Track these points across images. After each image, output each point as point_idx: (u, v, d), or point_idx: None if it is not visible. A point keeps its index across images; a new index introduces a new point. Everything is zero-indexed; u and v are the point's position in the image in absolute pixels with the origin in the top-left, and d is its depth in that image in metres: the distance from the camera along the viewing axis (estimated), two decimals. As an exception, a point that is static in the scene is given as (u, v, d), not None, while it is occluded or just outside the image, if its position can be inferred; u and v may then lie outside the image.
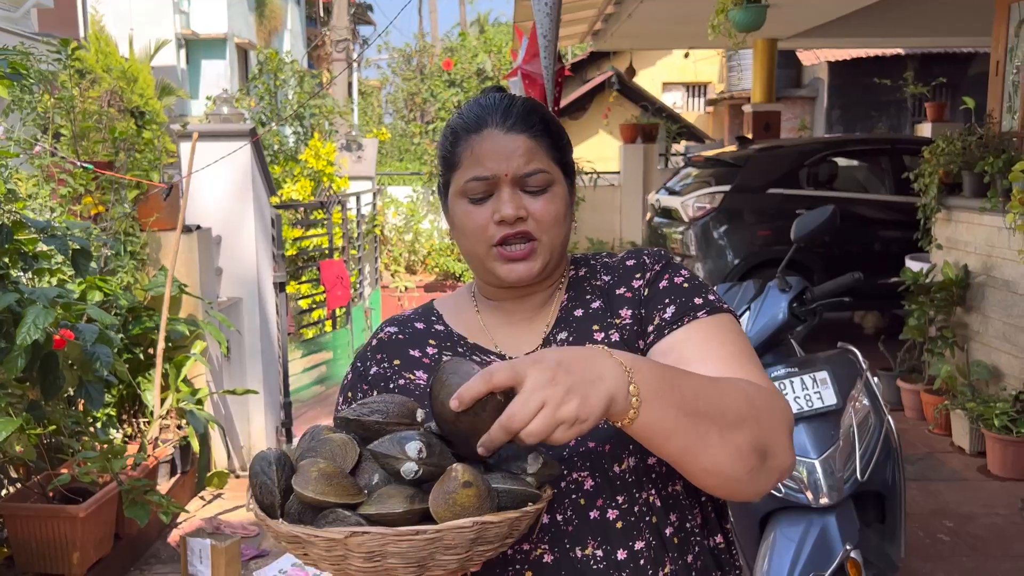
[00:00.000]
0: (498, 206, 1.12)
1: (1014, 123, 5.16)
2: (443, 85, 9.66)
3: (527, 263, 1.14)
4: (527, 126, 1.15)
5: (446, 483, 0.91)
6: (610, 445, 1.08)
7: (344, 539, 0.88)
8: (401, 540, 0.88)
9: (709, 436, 0.97)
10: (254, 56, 17.65)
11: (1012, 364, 4.71)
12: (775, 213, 6.74)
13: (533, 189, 1.13)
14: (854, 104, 14.59)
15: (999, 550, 3.65)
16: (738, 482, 1.01)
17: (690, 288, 1.17)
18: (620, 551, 1.07)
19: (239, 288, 4.81)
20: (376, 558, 0.89)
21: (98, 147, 4.13)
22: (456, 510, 0.89)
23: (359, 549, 0.88)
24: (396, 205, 9.56)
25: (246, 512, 4.10)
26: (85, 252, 2.48)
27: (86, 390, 2.51)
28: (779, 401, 1.07)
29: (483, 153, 1.13)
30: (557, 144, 1.18)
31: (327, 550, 0.89)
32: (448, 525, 0.88)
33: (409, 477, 0.92)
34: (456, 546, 0.89)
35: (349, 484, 0.94)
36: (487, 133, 1.14)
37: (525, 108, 1.17)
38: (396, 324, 1.27)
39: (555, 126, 1.19)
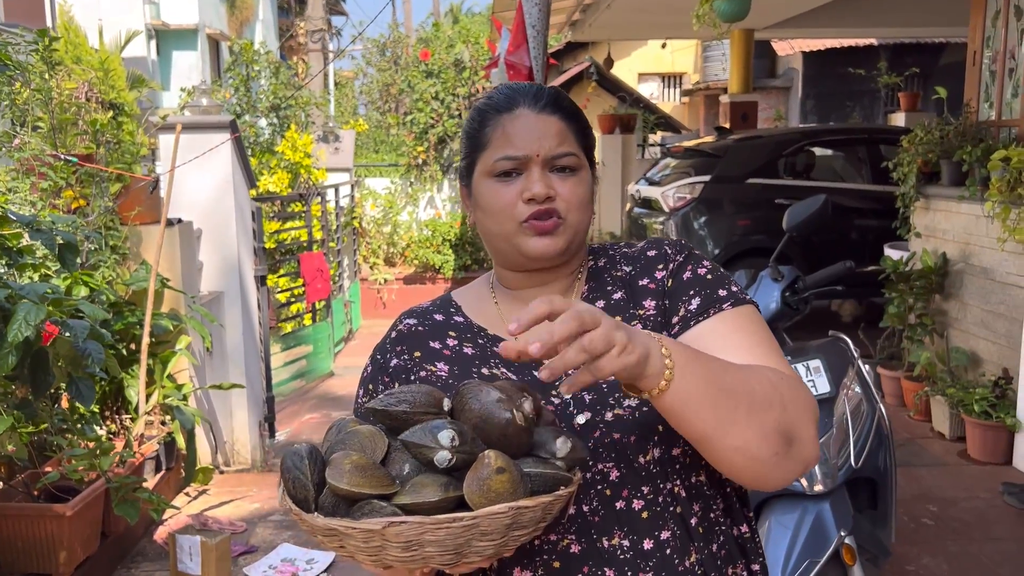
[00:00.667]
0: (528, 184, 1.13)
1: (991, 112, 5.22)
2: (420, 76, 9.59)
3: (552, 238, 1.14)
4: (558, 108, 1.17)
5: (480, 470, 0.91)
6: (635, 436, 1.09)
7: (382, 530, 0.88)
8: (439, 528, 0.88)
9: (737, 413, 0.98)
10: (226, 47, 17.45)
11: (990, 350, 4.78)
12: (754, 203, 6.79)
13: (562, 170, 1.14)
14: (828, 94, 14.73)
15: (982, 533, 3.71)
16: (764, 464, 1.01)
17: (714, 279, 1.17)
18: (646, 541, 1.07)
19: (220, 282, 4.76)
20: (414, 547, 0.89)
21: (75, 140, 4.06)
22: (491, 496, 0.90)
23: (397, 539, 0.88)
24: (374, 197, 9.49)
25: (269, 504, 4.07)
26: (71, 246, 2.44)
27: (76, 387, 2.47)
28: (804, 390, 1.08)
29: (515, 132, 1.14)
30: (584, 131, 1.20)
31: (365, 541, 0.89)
32: (484, 511, 0.89)
33: (443, 466, 0.93)
34: (492, 532, 0.90)
35: (383, 475, 0.94)
36: (519, 113, 1.15)
37: (555, 92, 1.20)
38: (415, 316, 1.27)
39: (583, 116, 1.21)
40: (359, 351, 7.43)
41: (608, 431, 1.09)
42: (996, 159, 4.42)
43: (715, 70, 16.60)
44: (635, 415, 1.09)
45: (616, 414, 1.09)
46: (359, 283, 8.78)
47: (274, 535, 3.81)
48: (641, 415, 1.09)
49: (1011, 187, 4.36)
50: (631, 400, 1.09)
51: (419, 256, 9.19)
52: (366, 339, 8.03)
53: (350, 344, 7.77)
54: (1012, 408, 4.33)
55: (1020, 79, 4.90)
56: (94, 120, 3.79)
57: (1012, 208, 4.38)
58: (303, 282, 6.84)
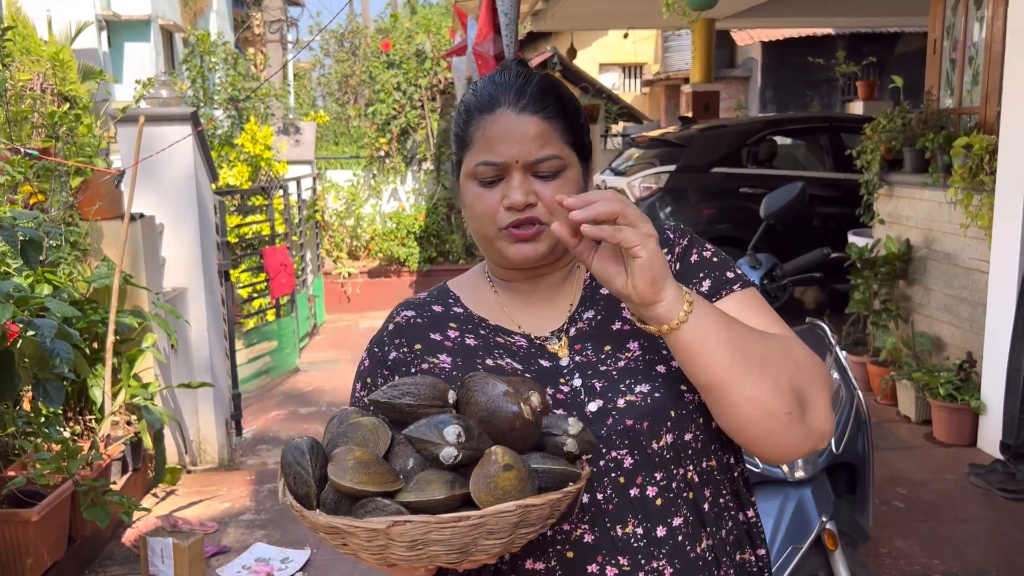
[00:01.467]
0: (508, 191, 1.10)
1: (952, 100, 5.30)
2: (382, 66, 9.48)
3: (534, 244, 1.12)
4: (540, 107, 1.11)
5: (486, 467, 0.89)
6: (648, 422, 1.08)
7: (386, 529, 0.86)
8: (444, 528, 0.86)
9: (751, 362, 1.01)
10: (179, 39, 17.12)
11: (954, 334, 4.86)
12: (719, 192, 6.83)
13: (544, 174, 1.11)
14: (787, 83, 14.88)
15: (951, 514, 3.78)
16: (777, 420, 1.02)
17: (719, 262, 1.18)
18: (659, 528, 1.07)
19: (183, 278, 4.66)
20: (419, 546, 0.87)
21: (31, 133, 3.93)
22: (498, 494, 0.88)
23: (401, 539, 0.86)
24: (336, 190, 9.37)
25: (240, 503, 3.99)
26: (34, 243, 2.35)
27: (43, 388, 2.38)
28: (818, 360, 1.09)
29: (494, 136, 1.10)
30: (572, 125, 1.14)
31: (368, 540, 0.87)
32: (491, 510, 0.87)
33: (448, 462, 0.90)
34: (499, 530, 0.88)
35: (386, 471, 0.91)
36: (499, 113, 1.11)
37: (540, 87, 1.13)
38: (413, 308, 1.24)
39: (572, 105, 1.15)
40: (324, 346, 7.34)
41: (621, 418, 1.08)
42: (958, 146, 4.49)
43: (675, 60, 16.68)
44: (647, 401, 1.08)
45: (628, 400, 1.08)
46: (323, 277, 8.67)
47: (246, 535, 3.74)
48: (653, 401, 1.08)
49: (973, 174, 4.43)
50: (642, 386, 1.09)
51: (383, 249, 9.09)
52: (331, 334, 7.94)
53: (315, 339, 7.67)
54: (976, 391, 4.41)
55: (980, 67, 4.98)
56: (52, 112, 3.68)
57: (974, 194, 4.45)
58: (266, 277, 6.73)
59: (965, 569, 3.29)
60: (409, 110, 9.34)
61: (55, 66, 4.52)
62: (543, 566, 1.07)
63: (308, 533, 3.72)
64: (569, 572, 1.06)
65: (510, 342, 1.17)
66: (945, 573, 3.26)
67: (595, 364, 1.12)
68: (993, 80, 4.76)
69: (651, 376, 1.10)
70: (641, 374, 1.10)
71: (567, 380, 1.12)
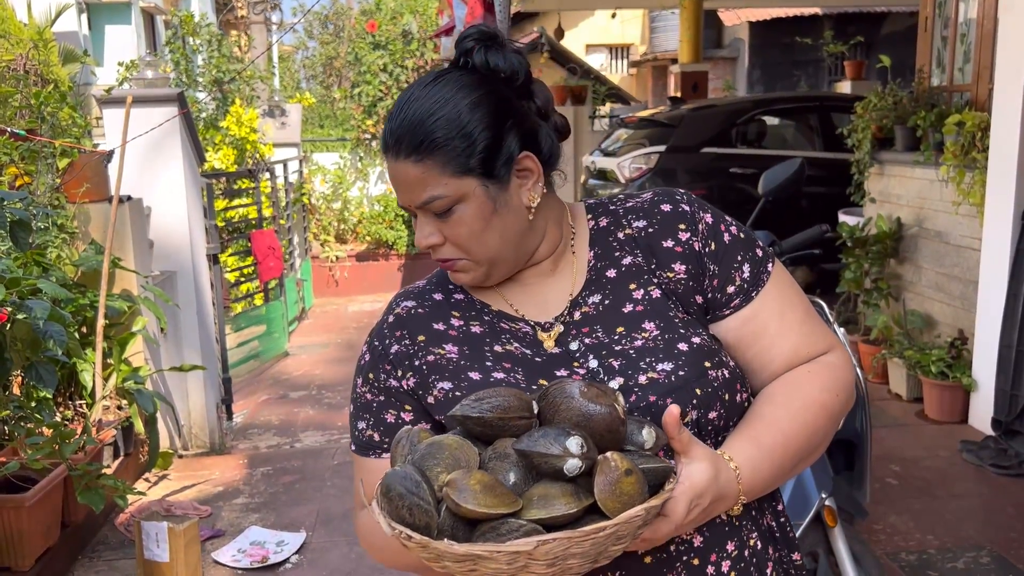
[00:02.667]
0: (417, 235, 1.12)
1: (943, 78, 5.29)
2: (368, 48, 9.39)
3: (465, 274, 1.13)
4: (412, 149, 1.05)
5: (608, 473, 0.89)
6: (672, 399, 1.05)
7: (531, 551, 0.85)
8: (585, 540, 0.86)
9: (802, 462, 1.12)
10: (161, 21, 16.90)
11: (945, 312, 4.88)
12: (709, 172, 6.82)
13: (438, 213, 1.08)
14: (774, 64, 14.86)
15: (944, 491, 3.80)
16: (819, 453, 1.15)
17: (747, 238, 1.16)
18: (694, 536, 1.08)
19: (172, 261, 4.61)
20: (559, 561, 0.87)
21: (14, 115, 3.86)
22: (624, 500, 0.88)
23: (545, 557, 0.86)
24: (323, 172, 9.30)
25: (232, 487, 3.96)
26: (24, 224, 2.30)
27: (36, 371, 2.34)
28: (845, 375, 1.14)
29: (394, 183, 1.11)
30: (454, 153, 1.05)
31: (509, 563, 0.86)
32: (624, 516, 0.87)
33: (572, 474, 0.89)
34: (626, 535, 0.89)
35: (507, 492, 0.90)
36: (389, 159, 1.09)
37: (412, 123, 1.05)
38: (412, 297, 1.19)
39: (453, 130, 1.04)
40: (313, 330, 7.30)
41: (644, 395, 1.05)
42: (950, 124, 4.49)
43: (663, 41, 16.61)
44: (671, 379, 1.05)
45: (650, 377, 1.06)
46: (310, 261, 8.62)
47: (240, 518, 3.72)
48: (678, 379, 1.06)
49: (965, 151, 4.43)
50: (665, 364, 1.06)
51: (371, 232, 9.05)
52: (319, 318, 7.90)
53: (304, 323, 7.63)
54: (968, 368, 4.43)
55: (972, 44, 4.97)
56: (37, 93, 3.61)
57: (966, 172, 4.45)
58: (254, 261, 6.67)
59: (959, 544, 3.31)
60: (395, 91, 9.26)
61: (37, 47, 4.44)
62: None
63: (303, 516, 3.71)
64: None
65: (515, 328, 1.14)
66: (940, 548, 3.28)
67: (609, 345, 1.09)
68: (985, 57, 4.75)
69: (673, 354, 1.07)
70: (662, 352, 1.08)
71: (582, 363, 1.09)
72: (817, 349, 1.15)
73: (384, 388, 1.13)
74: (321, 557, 3.39)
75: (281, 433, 4.87)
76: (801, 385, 1.11)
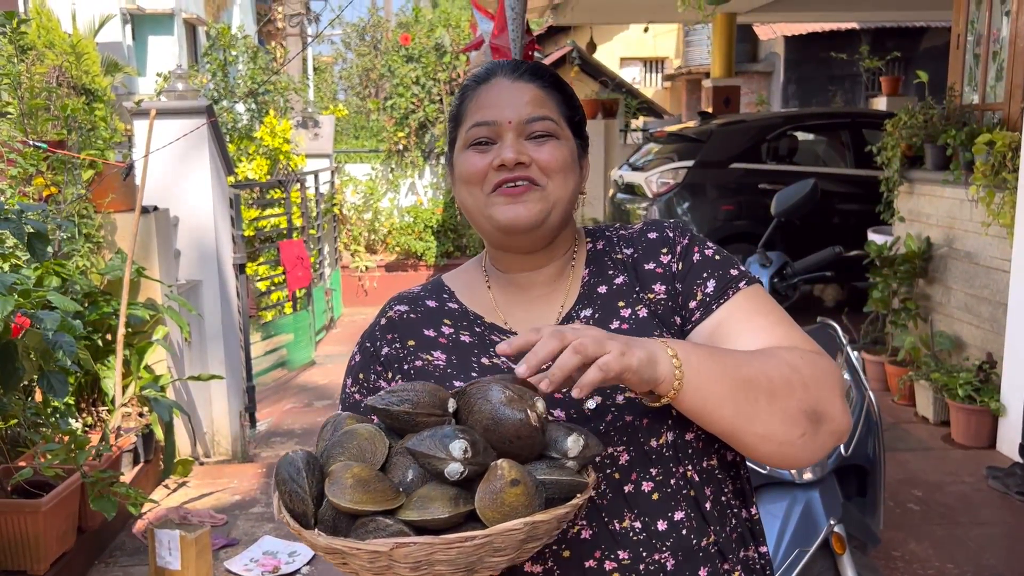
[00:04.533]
0: (499, 151, 1.09)
1: (975, 96, 5.21)
2: (401, 60, 9.47)
3: (525, 204, 1.09)
4: (536, 76, 1.13)
5: (492, 482, 0.86)
6: (647, 419, 1.06)
7: (389, 551, 0.82)
8: (450, 548, 0.83)
9: (758, 403, 0.99)
10: (203, 32, 17.21)
11: (974, 334, 4.78)
12: (738, 188, 6.77)
13: (538, 134, 1.10)
14: (810, 78, 14.72)
15: (968, 517, 3.71)
16: (792, 447, 1.01)
17: (722, 260, 1.16)
18: (660, 522, 1.06)
19: (198, 270, 4.67)
20: (423, 567, 0.84)
21: (47, 125, 3.95)
22: (505, 511, 0.85)
23: (405, 560, 0.83)
24: (355, 183, 9.38)
25: (250, 496, 4.01)
26: (41, 236, 2.35)
27: (47, 380, 2.39)
28: (825, 363, 1.07)
29: (488, 100, 1.11)
30: (568, 102, 1.15)
31: (370, 561, 0.84)
32: (498, 529, 0.84)
33: (454, 478, 0.87)
34: (505, 548, 0.86)
35: (386, 487, 0.88)
36: (495, 82, 1.13)
37: (537, 64, 1.17)
38: (406, 302, 1.21)
39: (568, 87, 1.17)
40: (341, 340, 7.36)
41: (620, 414, 1.06)
42: (981, 143, 4.41)
43: (697, 55, 16.56)
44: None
45: (627, 397, 1.06)
46: (340, 271, 8.69)
47: (255, 527, 3.75)
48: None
49: (995, 171, 4.35)
50: None
51: (401, 243, 9.10)
52: (347, 327, 7.95)
53: (332, 333, 7.70)
54: (996, 392, 4.34)
55: (1004, 62, 4.88)
56: (65, 105, 3.69)
57: (996, 192, 4.37)
58: (283, 270, 6.75)
59: (980, 574, 3.24)
60: (428, 104, 9.33)
61: (74, 58, 4.54)
62: (540, 568, 1.06)
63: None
64: (567, 570, 1.05)
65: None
66: (959, 577, 3.21)
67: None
68: (1017, 76, 4.67)
69: None
70: None
71: (566, 395, 1.09)
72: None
73: (373, 389, 1.15)
74: (331, 569, 3.39)
75: (304, 442, 4.90)
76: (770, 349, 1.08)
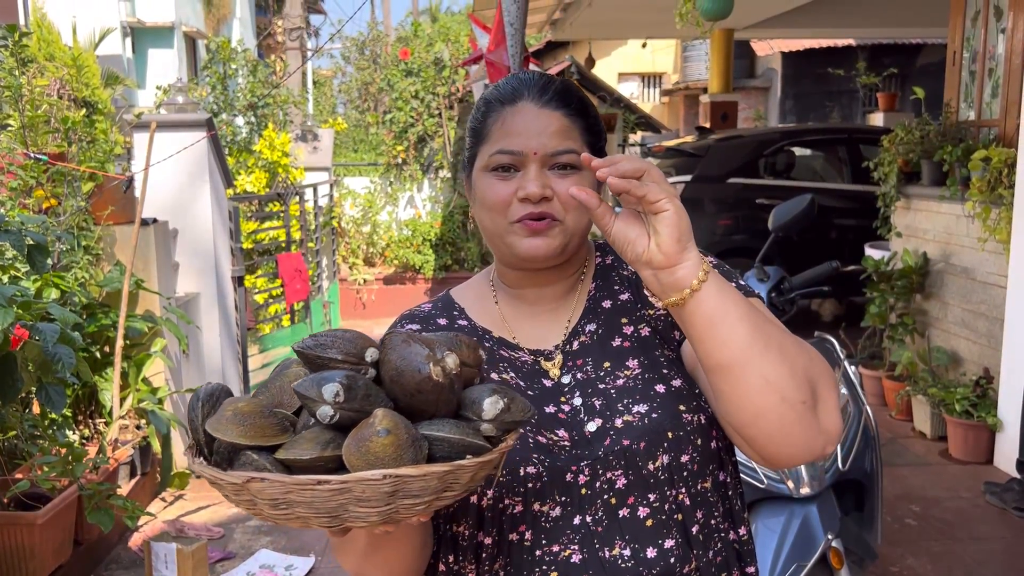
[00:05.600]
0: (523, 183, 1.08)
1: (971, 112, 5.24)
2: (400, 74, 9.51)
3: (546, 239, 1.09)
4: (564, 103, 1.11)
5: (363, 429, 0.83)
6: (644, 442, 1.06)
7: (244, 484, 0.81)
8: (304, 489, 0.80)
9: (770, 343, 0.95)
10: (203, 45, 17.26)
11: (971, 350, 4.79)
12: (735, 203, 6.79)
13: (562, 168, 1.09)
14: (807, 94, 14.79)
15: (965, 533, 3.71)
16: (792, 409, 0.94)
17: (722, 274, 1.15)
18: (649, 549, 1.05)
19: (197, 283, 4.68)
20: (282, 506, 0.82)
21: (47, 138, 3.97)
22: (370, 459, 0.81)
23: (262, 496, 0.82)
24: (353, 196, 9.41)
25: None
26: (41, 248, 2.36)
27: (46, 392, 2.39)
28: (826, 364, 1.05)
29: (514, 127, 1.10)
30: (592, 128, 1.14)
31: (235, 494, 0.83)
32: (354, 477, 0.80)
33: (325, 421, 0.84)
34: (372, 499, 0.81)
35: (268, 424, 0.87)
36: (521, 106, 1.10)
37: (564, 85, 1.14)
38: (417, 320, 1.21)
39: (593, 110, 1.15)
40: (338, 352, 7.33)
41: (618, 438, 1.06)
42: (977, 159, 4.43)
43: (695, 70, 16.63)
44: (644, 421, 1.06)
45: (626, 420, 1.06)
46: (338, 283, 8.70)
47: (252, 540, 3.74)
48: (651, 421, 1.06)
49: (991, 187, 4.37)
50: (640, 406, 1.07)
51: (399, 256, 9.12)
52: (345, 340, 7.94)
53: (329, 345, 7.68)
54: (993, 408, 4.34)
55: (999, 79, 4.91)
56: (66, 118, 3.71)
57: (992, 208, 4.39)
58: (281, 283, 6.75)
59: (977, 589, 3.23)
60: (427, 118, 9.36)
61: (75, 71, 4.56)
62: None
63: (313, 540, 3.72)
64: None
65: (514, 357, 1.15)
66: (957, 593, 3.21)
67: (594, 382, 1.11)
68: (1013, 93, 4.69)
69: (649, 396, 1.08)
70: (639, 393, 1.08)
71: (568, 399, 1.11)
72: None
73: None
74: (329, 582, 3.40)
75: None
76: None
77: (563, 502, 1.05)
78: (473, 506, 1.07)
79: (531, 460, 1.05)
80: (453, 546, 1.11)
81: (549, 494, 1.05)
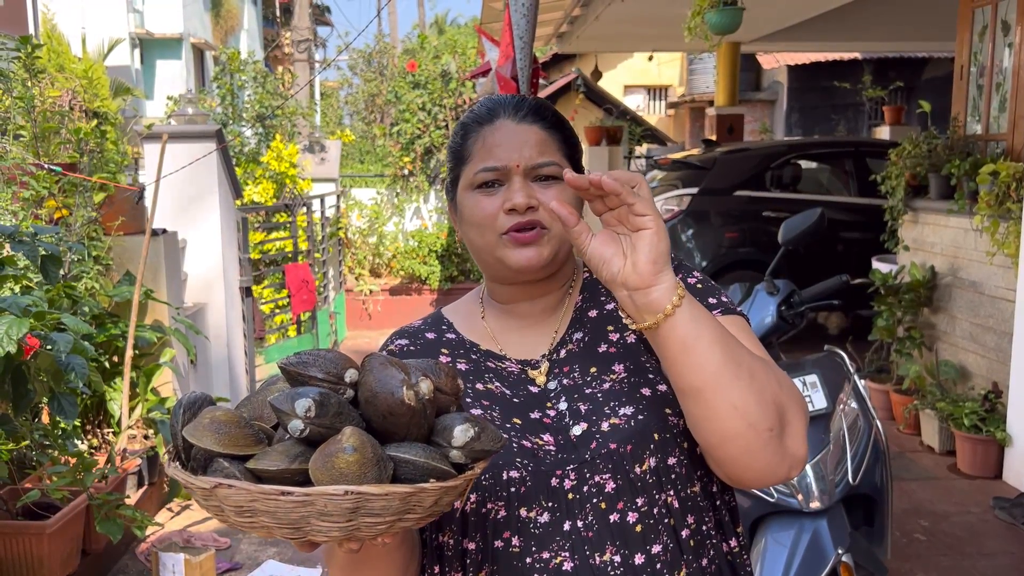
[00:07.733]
0: (509, 195, 1.11)
1: (978, 126, 5.24)
2: (407, 86, 9.55)
3: (536, 248, 1.11)
4: (540, 117, 1.15)
5: (330, 445, 0.85)
6: (631, 445, 1.06)
7: (212, 489, 0.84)
8: (268, 499, 0.83)
9: (740, 370, 0.97)
10: (210, 57, 17.37)
11: (979, 364, 4.78)
12: (742, 215, 6.80)
13: (544, 179, 1.12)
14: (813, 107, 14.81)
15: (974, 548, 3.69)
16: (758, 436, 0.98)
17: (704, 289, 1.17)
18: (638, 555, 1.05)
19: (205, 293, 4.70)
20: (247, 514, 0.85)
21: (58, 149, 3.99)
22: (334, 475, 0.83)
23: (228, 502, 0.84)
24: (360, 207, 9.43)
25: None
26: (54, 258, 2.37)
27: (58, 402, 2.40)
28: (796, 390, 1.07)
29: (495, 143, 1.12)
30: (569, 140, 1.17)
31: (204, 498, 0.86)
32: (317, 490, 0.82)
33: (295, 435, 0.87)
34: (333, 514, 0.83)
35: (243, 435, 0.89)
36: (499, 124, 1.14)
37: (537, 102, 1.18)
38: (407, 336, 1.24)
39: (567, 125, 1.19)
40: (344, 363, 7.34)
41: (604, 441, 1.07)
42: (985, 173, 4.44)
43: (701, 83, 16.67)
44: (630, 424, 1.07)
45: (612, 424, 1.07)
46: (344, 294, 8.71)
47: (258, 551, 3.74)
48: (637, 423, 1.07)
49: (999, 201, 4.37)
50: (626, 408, 1.08)
51: (405, 267, 9.12)
52: (350, 351, 7.95)
53: (335, 356, 7.69)
54: (1002, 422, 4.33)
55: (1007, 93, 4.92)
56: (77, 129, 3.73)
57: (1001, 222, 4.39)
58: (288, 293, 6.77)
59: (987, 605, 3.22)
60: (433, 130, 9.39)
61: (86, 82, 4.59)
62: None
63: (320, 552, 3.72)
64: None
65: (501, 367, 1.17)
66: (966, 609, 3.19)
67: (580, 387, 1.12)
68: (1021, 107, 4.70)
69: (635, 399, 1.09)
70: (625, 396, 1.09)
71: (553, 404, 1.12)
72: None
73: None
74: (336, 594, 3.39)
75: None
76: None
77: (551, 508, 1.06)
78: (456, 512, 1.08)
79: (514, 464, 1.06)
80: (439, 556, 1.12)
81: (534, 499, 1.06)
